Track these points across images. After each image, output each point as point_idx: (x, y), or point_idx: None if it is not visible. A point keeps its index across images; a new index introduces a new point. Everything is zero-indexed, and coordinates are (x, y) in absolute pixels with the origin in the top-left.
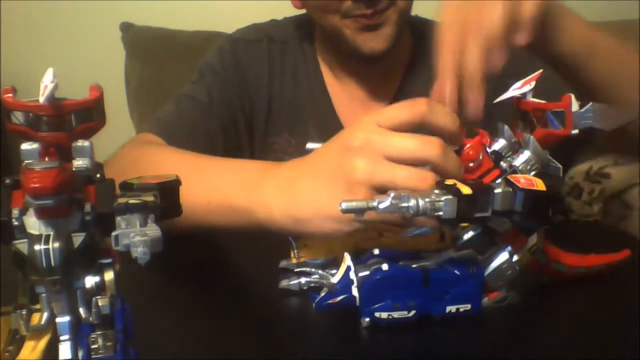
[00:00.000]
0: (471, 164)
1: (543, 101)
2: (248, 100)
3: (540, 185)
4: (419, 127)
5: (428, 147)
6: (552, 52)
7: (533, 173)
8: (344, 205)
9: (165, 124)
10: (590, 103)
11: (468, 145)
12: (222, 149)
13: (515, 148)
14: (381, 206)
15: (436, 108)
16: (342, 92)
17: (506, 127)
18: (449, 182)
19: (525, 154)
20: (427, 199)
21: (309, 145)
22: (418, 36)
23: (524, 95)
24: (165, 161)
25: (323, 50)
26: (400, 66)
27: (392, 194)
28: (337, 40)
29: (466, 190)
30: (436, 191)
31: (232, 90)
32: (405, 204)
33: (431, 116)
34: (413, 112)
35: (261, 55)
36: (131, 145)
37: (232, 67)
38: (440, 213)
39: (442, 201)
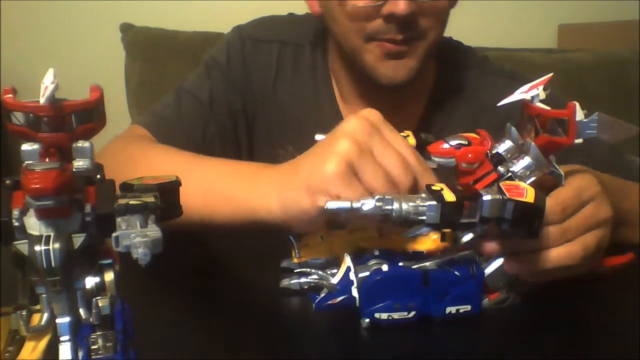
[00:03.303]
0: (464, 165)
1: (548, 107)
2: (252, 104)
3: (530, 196)
4: None
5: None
6: None
7: (532, 179)
8: (329, 205)
9: (161, 120)
10: (596, 113)
11: (468, 143)
12: (218, 153)
13: (522, 150)
14: (365, 207)
15: (428, 175)
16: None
17: (513, 128)
18: (436, 187)
19: (526, 160)
20: (410, 203)
21: (318, 137)
22: (443, 63)
23: (531, 99)
24: (161, 158)
25: (335, 67)
26: (422, 98)
27: (377, 196)
28: (354, 63)
29: (450, 197)
30: (422, 195)
31: (236, 91)
32: (388, 207)
33: (421, 177)
34: (416, 163)
35: (269, 60)
36: (125, 139)
37: (239, 67)
38: (424, 217)
39: (425, 206)
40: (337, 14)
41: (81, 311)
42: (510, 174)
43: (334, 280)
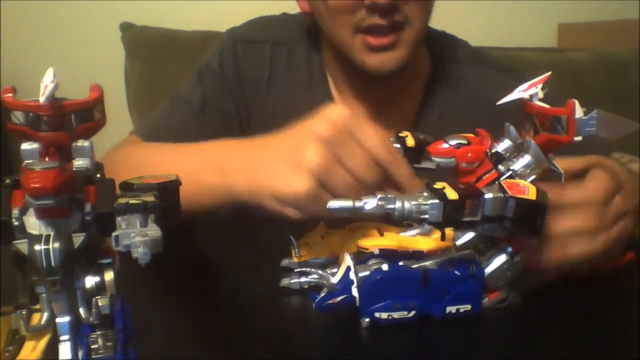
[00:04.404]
0: (464, 165)
1: (547, 105)
2: (245, 106)
3: (532, 193)
4: None
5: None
6: None
7: (533, 178)
8: (331, 205)
9: (154, 127)
10: (595, 110)
11: (468, 143)
12: None
13: (521, 149)
14: (367, 207)
15: (402, 165)
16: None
17: (512, 127)
18: (438, 185)
19: (526, 158)
20: (413, 202)
21: None
22: (436, 55)
23: (530, 97)
24: (144, 154)
25: (330, 61)
26: (418, 90)
27: (379, 195)
28: (345, 57)
29: (452, 195)
30: (424, 194)
31: (229, 95)
32: (391, 206)
33: (395, 169)
34: (386, 157)
35: (262, 60)
36: (117, 147)
37: (231, 69)
38: (426, 216)
39: (428, 205)
40: (323, 10)
41: (81, 311)
42: (510, 172)
43: (334, 280)
